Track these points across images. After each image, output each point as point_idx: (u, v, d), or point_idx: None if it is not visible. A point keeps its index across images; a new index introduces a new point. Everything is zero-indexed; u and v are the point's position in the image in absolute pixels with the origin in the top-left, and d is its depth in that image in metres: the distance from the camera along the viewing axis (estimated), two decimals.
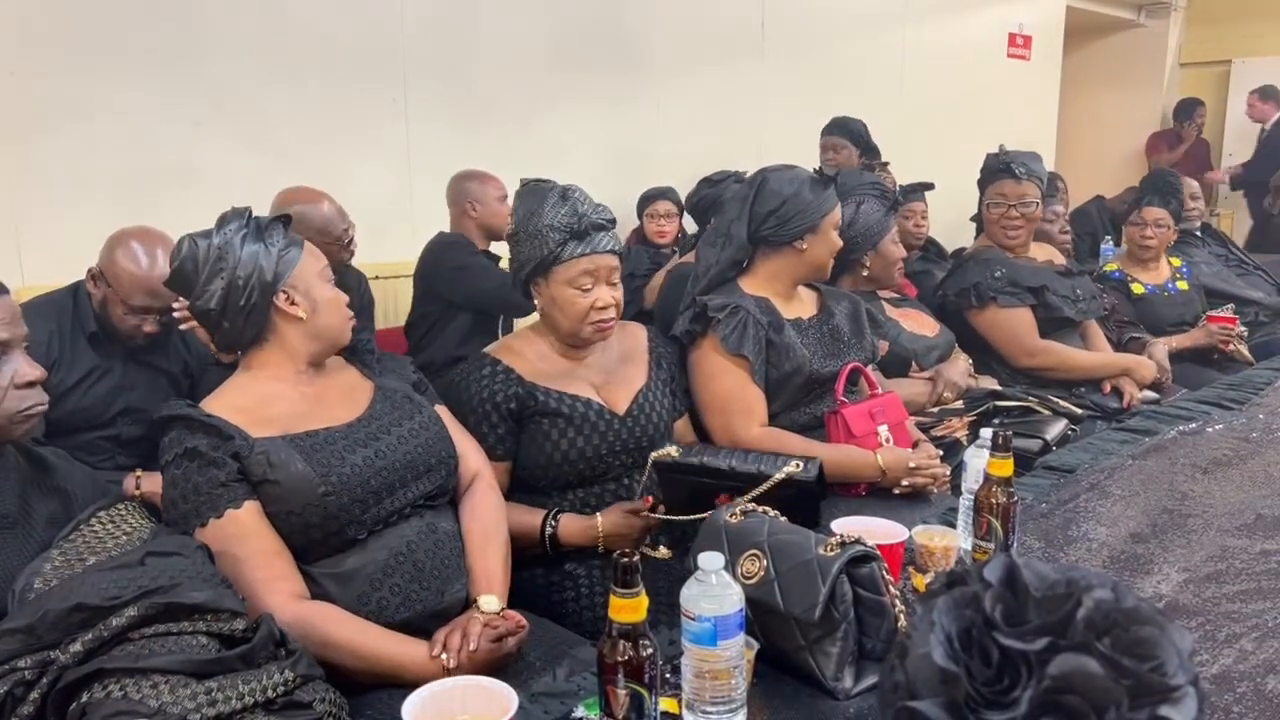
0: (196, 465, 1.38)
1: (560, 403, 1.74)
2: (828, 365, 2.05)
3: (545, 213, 1.69)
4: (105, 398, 2.14)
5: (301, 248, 1.52)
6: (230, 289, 1.44)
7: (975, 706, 0.70)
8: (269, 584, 1.35)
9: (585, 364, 1.83)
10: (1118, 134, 7.30)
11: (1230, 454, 2.06)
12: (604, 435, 1.76)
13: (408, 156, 3.57)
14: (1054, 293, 2.85)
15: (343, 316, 1.56)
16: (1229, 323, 3.34)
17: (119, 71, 2.87)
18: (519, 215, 1.73)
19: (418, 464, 1.53)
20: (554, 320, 1.77)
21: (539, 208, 1.70)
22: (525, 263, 1.73)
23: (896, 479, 1.95)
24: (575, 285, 1.71)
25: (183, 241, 1.48)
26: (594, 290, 1.72)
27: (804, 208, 2.03)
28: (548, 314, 1.77)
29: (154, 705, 1.05)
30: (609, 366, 1.85)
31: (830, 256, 2.10)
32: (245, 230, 1.46)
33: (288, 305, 1.48)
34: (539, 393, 1.74)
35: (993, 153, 2.96)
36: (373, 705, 1.34)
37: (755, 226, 2.05)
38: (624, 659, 1.02)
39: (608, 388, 1.82)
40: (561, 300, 1.73)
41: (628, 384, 1.85)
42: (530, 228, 1.70)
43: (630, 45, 4.18)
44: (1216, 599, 1.41)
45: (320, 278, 1.53)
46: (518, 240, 1.73)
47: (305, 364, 1.53)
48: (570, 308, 1.73)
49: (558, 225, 1.69)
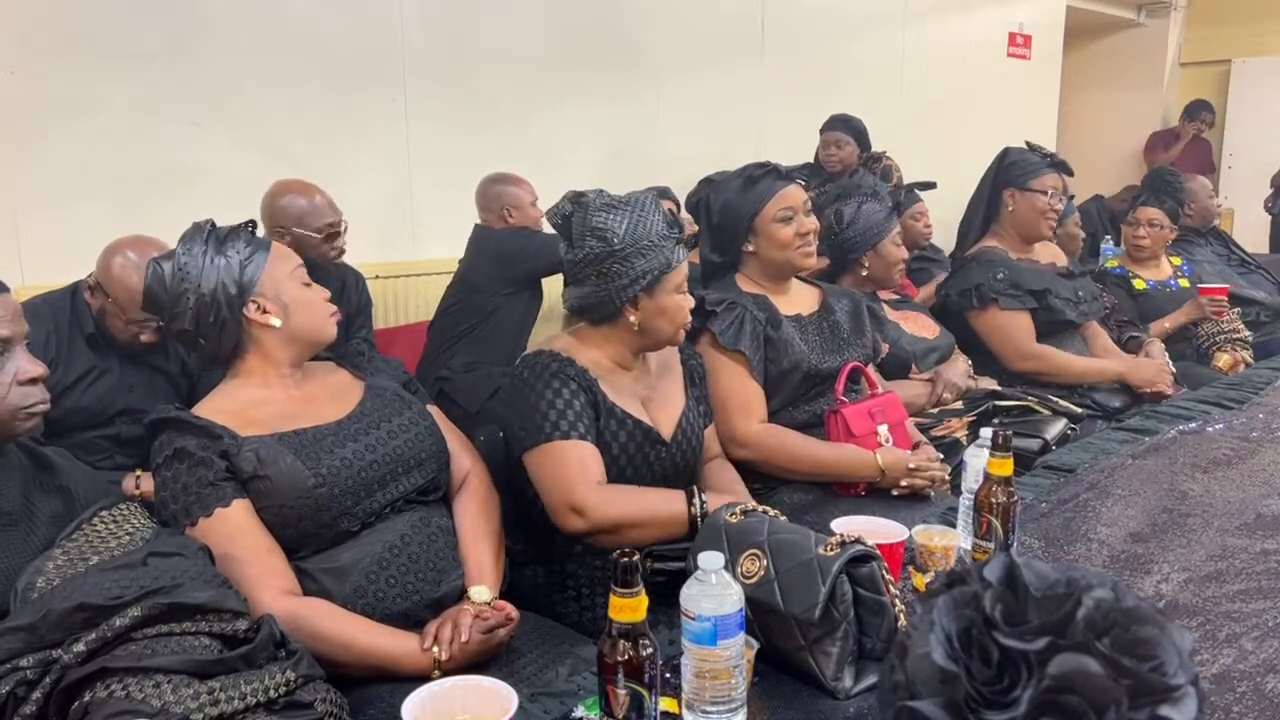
0: (186, 466, 1.39)
1: (621, 425, 1.68)
2: (827, 362, 2.06)
3: (651, 222, 1.65)
4: (104, 398, 2.15)
5: (268, 251, 1.50)
6: (199, 308, 1.45)
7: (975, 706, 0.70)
8: (260, 580, 1.35)
9: (635, 374, 1.78)
10: (1118, 134, 7.30)
11: (1230, 454, 2.06)
12: (650, 462, 1.72)
13: (407, 157, 3.57)
14: (1056, 295, 2.85)
15: (318, 315, 1.54)
16: (1219, 294, 3.35)
17: (119, 71, 2.87)
18: (620, 229, 1.63)
19: (408, 458, 1.53)
20: (655, 329, 1.70)
21: (643, 216, 1.65)
22: (639, 276, 1.64)
23: (895, 480, 1.95)
24: (681, 290, 1.70)
25: (148, 266, 1.49)
26: (688, 293, 1.73)
27: (733, 214, 2.04)
28: (650, 325, 1.70)
29: (156, 705, 1.05)
30: (652, 380, 1.81)
31: (783, 248, 2.04)
32: (206, 245, 1.46)
33: (259, 314, 1.48)
34: (602, 400, 1.67)
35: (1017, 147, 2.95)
36: (373, 704, 1.35)
37: (715, 243, 2.11)
38: (624, 659, 1.02)
39: (653, 404, 1.77)
40: (671, 308, 1.69)
41: (670, 403, 1.80)
42: (641, 240, 1.63)
43: (630, 45, 4.17)
44: (1216, 599, 1.41)
45: (290, 279, 1.51)
46: (624, 256, 1.63)
47: (289, 367, 1.53)
48: (678, 314, 1.70)
49: (665, 234, 1.66)
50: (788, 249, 2.04)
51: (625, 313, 1.69)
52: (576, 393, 1.64)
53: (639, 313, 1.68)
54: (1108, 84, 7.46)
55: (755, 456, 1.98)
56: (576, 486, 1.60)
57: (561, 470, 1.61)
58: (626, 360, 1.76)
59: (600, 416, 1.67)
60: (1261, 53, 7.16)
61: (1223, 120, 7.38)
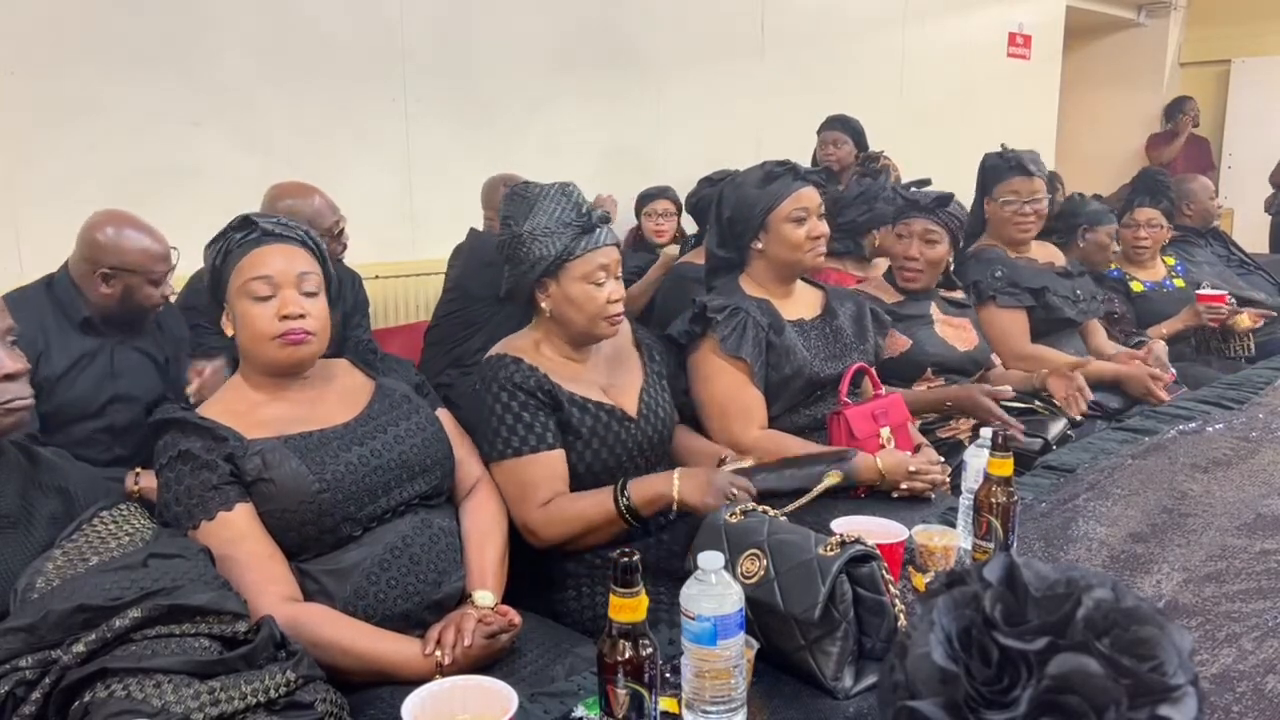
0: (189, 468, 1.39)
1: (584, 412, 1.72)
2: (829, 367, 2.05)
3: (552, 210, 1.69)
4: (93, 386, 2.16)
5: (240, 260, 1.46)
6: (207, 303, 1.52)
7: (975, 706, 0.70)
8: (260, 586, 1.35)
9: (589, 365, 1.81)
10: (1118, 134, 7.30)
11: (1230, 454, 2.06)
12: (622, 441, 1.75)
13: (407, 156, 3.57)
14: (1054, 293, 2.85)
15: (257, 333, 1.44)
16: (1218, 301, 3.35)
17: (119, 71, 2.87)
18: (522, 216, 1.70)
19: (413, 464, 1.53)
20: (567, 319, 1.73)
21: (545, 206, 1.69)
22: (536, 262, 1.69)
23: (895, 483, 1.95)
24: (591, 280, 1.70)
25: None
26: (606, 284, 1.72)
27: (747, 210, 2.04)
28: (560, 314, 1.73)
29: (157, 705, 1.05)
30: (608, 364, 1.85)
31: (793, 250, 2.03)
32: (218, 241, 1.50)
33: (226, 323, 1.50)
34: (563, 396, 1.70)
35: (994, 152, 2.97)
36: (373, 705, 1.34)
37: (723, 238, 2.10)
38: (624, 659, 1.02)
39: (613, 388, 1.81)
40: (578, 297, 1.70)
41: (629, 383, 1.84)
42: (539, 227, 1.68)
43: (630, 45, 4.17)
44: (1216, 599, 1.41)
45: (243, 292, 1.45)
46: (522, 241, 1.69)
47: (262, 376, 1.50)
48: (589, 303, 1.71)
49: (568, 221, 1.68)
50: (797, 250, 2.04)
51: (537, 299, 1.73)
52: (526, 401, 1.67)
53: (549, 300, 1.72)
54: (1108, 84, 7.46)
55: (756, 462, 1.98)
56: (522, 509, 1.67)
57: (512, 491, 1.68)
58: (569, 352, 1.79)
59: (562, 408, 1.70)
60: (1261, 53, 7.16)
61: (1223, 120, 7.38)
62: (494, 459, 1.68)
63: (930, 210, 2.52)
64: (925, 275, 2.56)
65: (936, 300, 2.63)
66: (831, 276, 2.87)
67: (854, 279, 3.00)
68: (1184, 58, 7.56)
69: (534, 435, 1.67)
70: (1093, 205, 3.50)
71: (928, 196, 2.56)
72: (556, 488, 1.68)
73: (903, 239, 2.57)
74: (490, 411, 1.67)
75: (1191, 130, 6.84)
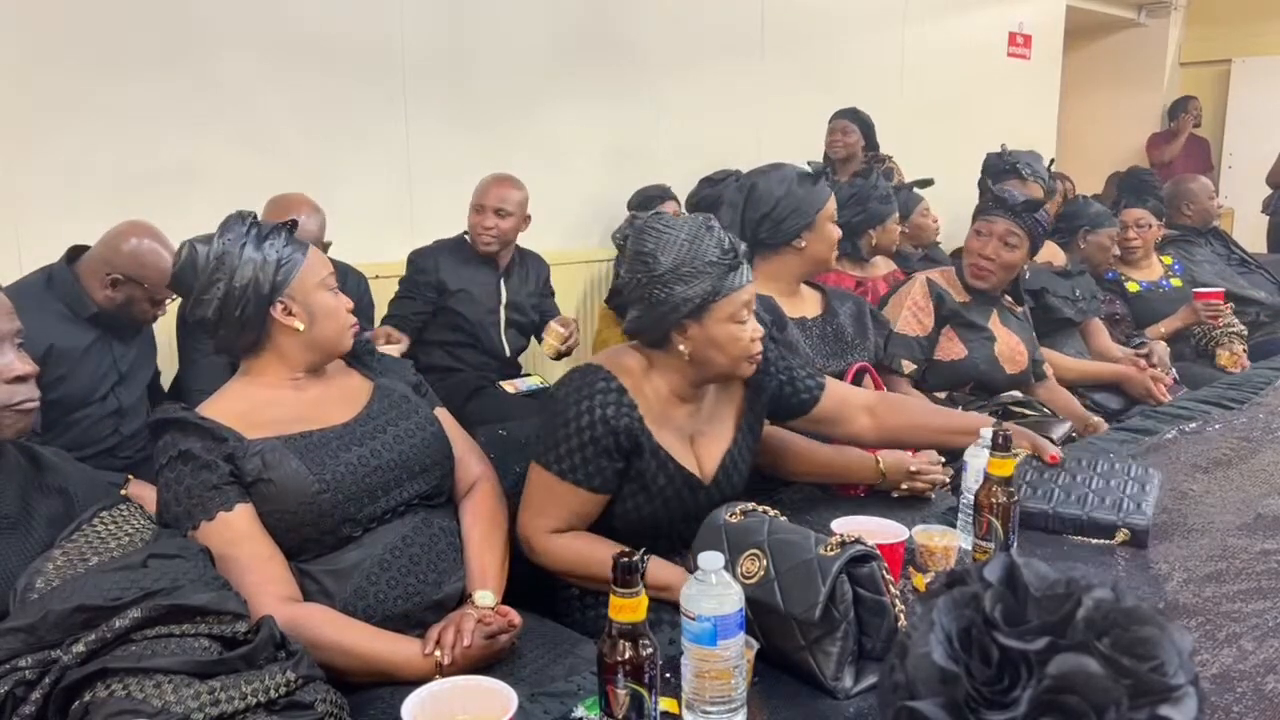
0: (190, 468, 1.39)
1: (662, 469, 1.59)
2: (830, 365, 2.06)
3: (700, 247, 1.54)
4: (99, 373, 2.23)
5: (305, 255, 1.51)
6: (227, 298, 1.44)
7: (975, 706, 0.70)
8: (260, 587, 1.34)
9: (688, 411, 1.67)
10: (1118, 134, 7.30)
11: (1230, 454, 2.06)
12: (685, 504, 1.64)
13: (407, 156, 3.56)
14: (1053, 294, 2.86)
15: (341, 325, 1.54)
16: (1215, 298, 3.35)
17: (119, 71, 2.87)
18: (661, 252, 1.54)
19: (412, 464, 1.53)
20: (708, 361, 1.59)
21: (691, 242, 1.54)
22: (681, 303, 1.54)
23: (896, 482, 1.95)
24: (736, 319, 1.57)
25: (183, 247, 1.48)
26: (749, 322, 1.60)
27: (797, 206, 2.04)
28: (701, 356, 1.58)
29: (157, 704, 1.05)
30: (709, 409, 1.71)
31: (830, 250, 2.10)
32: (246, 238, 1.46)
33: (284, 316, 1.48)
34: (644, 439, 1.57)
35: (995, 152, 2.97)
36: (373, 705, 1.34)
37: (750, 232, 2.07)
38: (624, 659, 1.02)
39: (701, 440, 1.68)
40: (723, 338, 1.56)
41: (719, 439, 1.70)
42: (685, 265, 1.53)
43: (630, 45, 4.17)
44: (1216, 599, 1.41)
45: (321, 287, 1.52)
46: (664, 281, 1.54)
47: (302, 371, 1.53)
48: (734, 345, 1.57)
49: (716, 259, 1.54)
50: (833, 249, 2.10)
51: (674, 340, 1.59)
52: (602, 437, 1.54)
53: (688, 341, 1.58)
54: (1108, 84, 7.46)
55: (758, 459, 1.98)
56: (534, 520, 1.60)
57: (534, 497, 1.60)
58: (684, 392, 1.65)
59: (643, 456, 1.59)
60: (1261, 53, 7.16)
61: (1223, 120, 7.38)
62: (540, 462, 1.60)
63: (1017, 213, 2.44)
64: (996, 276, 2.49)
65: (999, 309, 2.56)
66: (830, 277, 2.87)
67: (852, 279, 3.01)
68: (1184, 57, 7.56)
69: (585, 472, 1.56)
70: (1095, 207, 3.50)
71: (1015, 198, 2.48)
72: (573, 521, 1.61)
73: (981, 236, 2.49)
74: (565, 422, 1.56)
75: (1192, 130, 6.84)
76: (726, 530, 1.31)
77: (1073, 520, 1.64)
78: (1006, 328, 2.55)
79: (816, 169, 2.10)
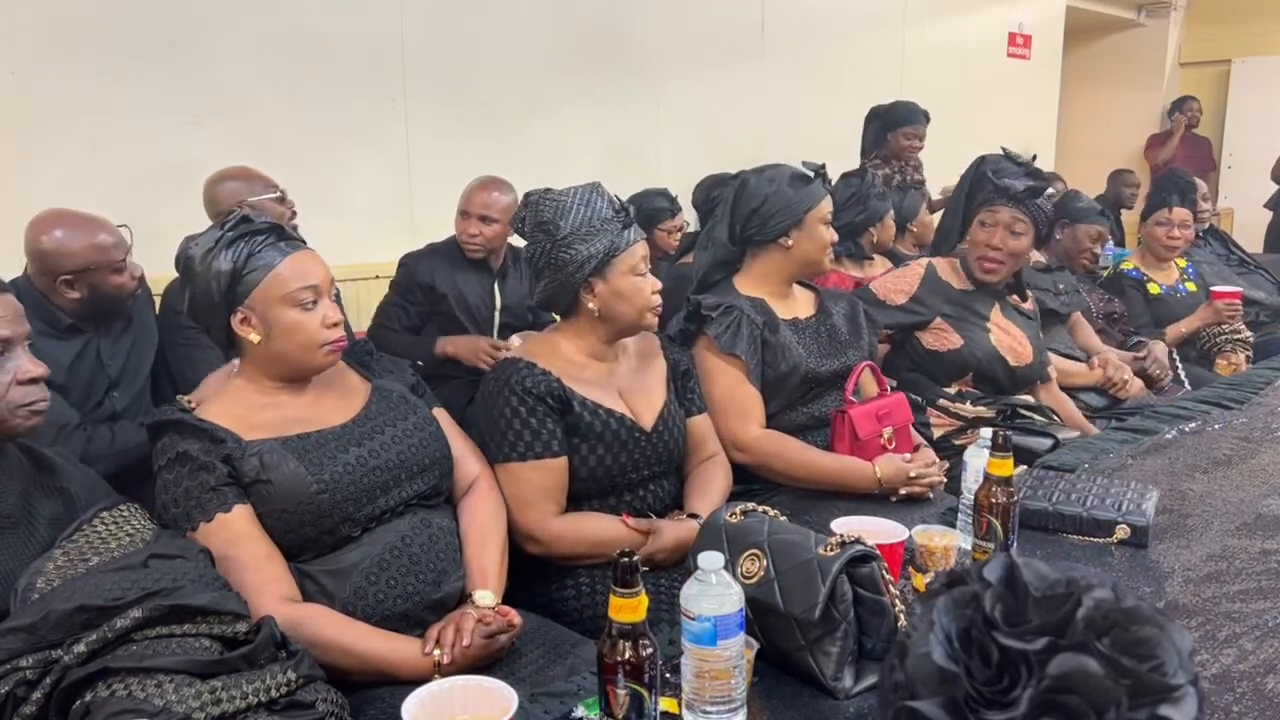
0: (188, 470, 1.39)
1: (595, 416, 1.71)
2: (825, 365, 2.06)
3: (594, 208, 1.69)
4: (90, 383, 2.17)
5: (280, 263, 1.45)
6: (193, 299, 1.48)
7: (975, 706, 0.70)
8: (259, 586, 1.35)
9: (614, 367, 1.81)
10: (1118, 134, 7.31)
11: (1230, 454, 2.06)
12: (630, 451, 1.74)
13: (407, 157, 3.56)
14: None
15: (303, 341, 1.46)
16: (1234, 298, 3.34)
17: (118, 70, 2.87)
18: (563, 219, 1.67)
19: (411, 464, 1.53)
20: (616, 314, 1.73)
21: (585, 205, 1.69)
22: (584, 262, 1.68)
23: (894, 489, 1.95)
24: (637, 272, 1.72)
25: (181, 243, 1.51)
26: (648, 275, 1.75)
27: (785, 204, 2.03)
28: (610, 310, 1.73)
29: (158, 704, 1.05)
30: (632, 370, 1.83)
31: (821, 252, 2.08)
32: (219, 240, 1.45)
33: (241, 327, 1.47)
34: (575, 400, 1.70)
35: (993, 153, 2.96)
36: (373, 705, 1.35)
37: (739, 228, 2.07)
38: (624, 659, 1.02)
39: (632, 395, 1.80)
40: (627, 290, 1.72)
41: (650, 394, 1.82)
42: (583, 226, 1.68)
43: (630, 45, 4.17)
44: (1216, 599, 1.41)
45: (286, 302, 1.44)
46: (566, 244, 1.67)
47: (271, 380, 1.51)
48: (638, 295, 1.73)
49: (610, 217, 1.69)
50: (824, 251, 2.09)
51: (583, 300, 1.72)
52: (534, 406, 1.67)
53: (596, 298, 1.71)
54: (1108, 84, 7.47)
55: (753, 461, 1.99)
56: (529, 515, 1.67)
57: (517, 495, 1.67)
58: (599, 351, 1.79)
59: (572, 410, 1.69)
60: (1261, 53, 7.16)
61: (1223, 120, 7.38)
62: (499, 461, 1.68)
63: (1020, 200, 2.40)
64: (1005, 266, 2.44)
65: (1001, 302, 2.52)
66: (831, 278, 2.87)
67: (853, 279, 3.01)
68: (1184, 58, 7.56)
69: (539, 441, 1.66)
70: (1083, 202, 3.45)
71: (1020, 184, 2.42)
72: (558, 497, 1.69)
73: (986, 226, 2.44)
74: (499, 414, 1.67)
75: (1192, 130, 6.84)
76: (726, 530, 1.31)
77: (1073, 518, 1.65)
78: (1009, 320, 2.52)
79: (820, 170, 2.09)
